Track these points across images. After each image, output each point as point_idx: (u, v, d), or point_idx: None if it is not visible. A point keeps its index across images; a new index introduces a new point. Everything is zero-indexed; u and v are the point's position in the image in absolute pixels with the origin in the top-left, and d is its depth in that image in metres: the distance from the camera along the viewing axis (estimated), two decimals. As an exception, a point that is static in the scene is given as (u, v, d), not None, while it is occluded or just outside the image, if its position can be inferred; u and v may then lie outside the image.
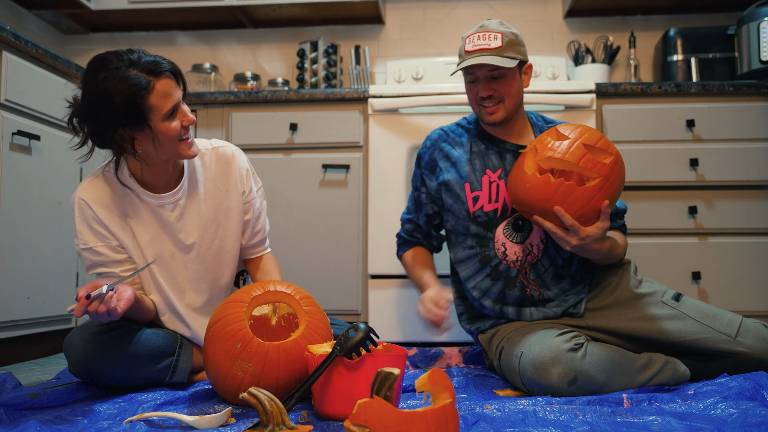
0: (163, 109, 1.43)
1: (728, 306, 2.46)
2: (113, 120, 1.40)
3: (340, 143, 2.62)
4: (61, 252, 2.25)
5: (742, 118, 2.51)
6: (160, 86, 1.42)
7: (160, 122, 1.44)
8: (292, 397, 1.25)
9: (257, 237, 1.71)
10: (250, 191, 1.67)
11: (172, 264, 1.58)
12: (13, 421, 1.22)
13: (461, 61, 1.68)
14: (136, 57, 1.42)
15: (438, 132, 1.85)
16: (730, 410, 1.23)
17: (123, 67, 1.40)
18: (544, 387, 1.43)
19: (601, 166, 1.55)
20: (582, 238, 1.54)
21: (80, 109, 1.44)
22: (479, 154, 1.76)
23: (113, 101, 1.38)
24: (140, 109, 1.40)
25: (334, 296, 2.57)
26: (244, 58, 3.42)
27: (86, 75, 1.42)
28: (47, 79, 2.19)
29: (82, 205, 1.51)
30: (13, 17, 3.11)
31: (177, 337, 1.60)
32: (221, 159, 1.65)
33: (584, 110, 2.51)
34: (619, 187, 1.59)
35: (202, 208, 1.61)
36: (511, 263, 1.69)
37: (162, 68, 1.43)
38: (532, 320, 1.68)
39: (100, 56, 1.43)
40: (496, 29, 1.66)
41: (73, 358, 1.45)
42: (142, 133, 1.44)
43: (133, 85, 1.38)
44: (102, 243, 1.52)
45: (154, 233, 1.56)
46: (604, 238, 1.58)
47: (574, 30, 3.27)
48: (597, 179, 1.54)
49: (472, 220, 1.73)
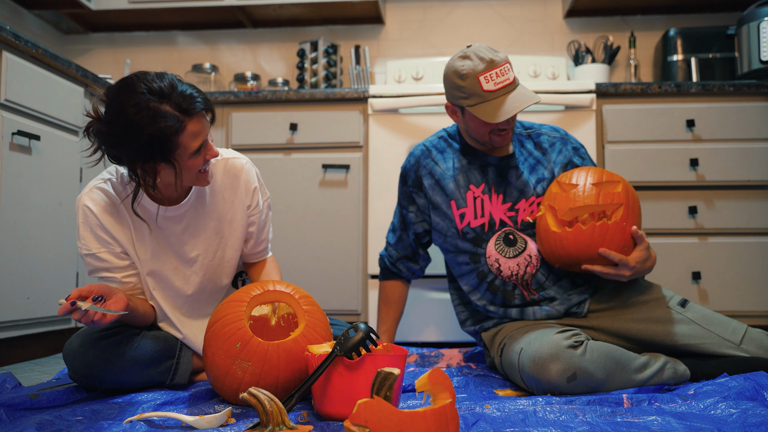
0: (191, 149, 1.39)
1: (728, 306, 2.46)
2: (138, 154, 1.35)
3: (340, 143, 2.62)
4: (61, 252, 2.25)
5: (742, 118, 2.51)
6: (191, 127, 1.37)
7: (186, 160, 1.40)
8: (292, 397, 1.25)
9: (260, 246, 1.71)
10: (255, 206, 1.65)
11: (174, 278, 1.57)
12: (13, 422, 1.22)
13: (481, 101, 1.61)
14: (168, 86, 1.35)
15: (421, 148, 1.83)
16: (730, 410, 1.23)
17: (155, 99, 1.33)
18: (543, 383, 1.44)
19: (618, 195, 1.61)
20: (632, 267, 1.58)
21: (104, 135, 1.36)
22: (462, 169, 1.76)
23: (141, 138, 1.32)
24: (168, 148, 1.35)
25: (334, 296, 2.57)
26: (244, 58, 3.42)
27: (114, 102, 1.34)
28: (47, 79, 2.19)
29: (87, 211, 1.49)
30: (13, 17, 3.11)
31: (177, 340, 1.60)
32: (230, 171, 1.61)
33: (584, 110, 2.51)
34: (638, 207, 1.65)
35: (207, 219, 1.59)
36: (506, 278, 1.70)
37: (195, 107, 1.37)
38: (535, 319, 1.68)
39: (129, 82, 1.35)
40: (503, 60, 1.62)
41: (73, 365, 1.44)
42: (165, 166, 1.40)
43: (165, 126, 1.32)
44: (105, 249, 1.51)
45: (156, 247, 1.54)
46: (650, 253, 1.62)
47: (574, 30, 3.27)
48: (621, 208, 1.60)
49: (461, 237, 1.74)
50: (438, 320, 2.47)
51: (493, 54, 1.62)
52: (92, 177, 2.44)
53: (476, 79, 1.60)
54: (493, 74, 1.60)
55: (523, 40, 3.30)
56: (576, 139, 1.86)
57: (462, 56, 1.64)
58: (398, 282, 1.94)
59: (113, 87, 1.37)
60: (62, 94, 2.26)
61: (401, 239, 1.89)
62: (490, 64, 1.60)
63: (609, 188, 1.63)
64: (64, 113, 2.27)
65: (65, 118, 2.27)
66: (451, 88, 1.67)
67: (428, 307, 2.48)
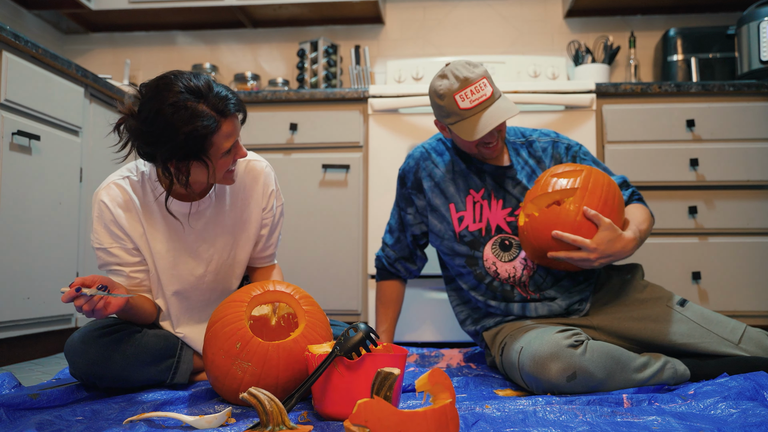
0: (224, 148, 1.41)
1: (728, 306, 2.46)
2: (173, 153, 1.37)
3: (340, 143, 2.62)
4: (61, 252, 2.25)
5: (742, 118, 2.51)
6: (225, 127, 1.40)
7: (217, 159, 1.42)
8: (292, 397, 1.25)
9: (268, 251, 1.71)
10: (270, 209, 1.66)
11: (186, 277, 1.57)
12: (13, 422, 1.22)
13: (459, 119, 1.64)
14: (205, 85, 1.37)
15: (420, 150, 1.84)
16: (730, 410, 1.23)
17: (192, 99, 1.35)
18: (543, 382, 1.44)
19: (572, 182, 1.60)
20: (594, 249, 1.53)
21: (139, 132, 1.37)
22: (461, 173, 1.77)
23: (178, 137, 1.34)
24: (203, 148, 1.38)
25: (334, 296, 2.57)
26: (244, 58, 3.42)
27: (151, 100, 1.35)
28: (47, 79, 2.19)
29: (102, 207, 1.51)
30: (13, 17, 3.11)
31: (178, 339, 1.60)
32: (250, 172, 1.63)
33: (584, 110, 2.51)
34: (602, 194, 1.59)
35: (225, 218, 1.60)
36: (503, 280, 1.71)
37: (230, 108, 1.39)
38: (537, 315, 1.69)
39: (167, 81, 1.37)
40: (479, 76, 1.64)
41: (74, 362, 1.44)
42: (197, 163, 1.42)
43: (202, 126, 1.35)
44: (117, 245, 1.52)
45: (171, 246, 1.55)
46: (619, 233, 1.56)
47: (574, 30, 3.27)
48: (575, 192, 1.58)
49: (458, 240, 1.74)
50: (438, 320, 2.47)
51: (469, 71, 1.64)
52: (92, 177, 2.45)
53: (452, 99, 1.63)
54: (468, 92, 1.63)
55: (523, 40, 3.30)
56: (571, 139, 1.85)
57: (440, 75, 1.67)
58: (396, 282, 1.94)
59: (150, 85, 1.38)
60: (62, 94, 2.26)
61: (399, 240, 1.89)
62: (464, 82, 1.63)
63: (568, 176, 1.62)
64: (64, 113, 2.27)
65: (65, 118, 2.27)
66: (433, 107, 1.71)
67: (428, 307, 2.48)
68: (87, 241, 2.40)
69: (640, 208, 1.72)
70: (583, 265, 1.57)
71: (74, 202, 2.33)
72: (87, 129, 2.42)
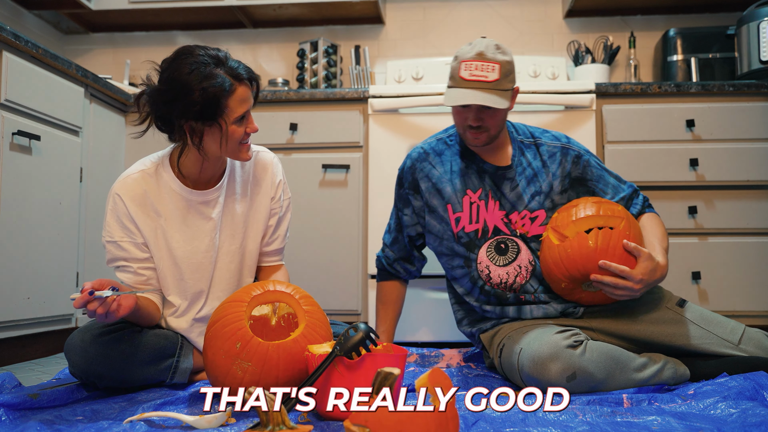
0: (237, 113, 1.47)
1: (728, 306, 2.46)
2: (188, 111, 1.43)
3: (340, 143, 2.62)
4: (61, 252, 2.25)
5: (742, 118, 2.51)
6: (240, 91, 1.47)
7: (231, 124, 1.48)
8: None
9: (273, 245, 1.72)
10: (278, 199, 1.70)
11: (203, 263, 1.59)
12: (13, 421, 1.22)
13: (453, 85, 1.66)
14: (224, 56, 1.47)
15: (418, 151, 1.83)
16: (730, 410, 1.23)
17: (210, 63, 1.44)
18: (543, 383, 1.44)
19: (619, 211, 1.62)
20: (640, 280, 1.52)
21: (155, 92, 1.46)
22: (460, 173, 1.76)
23: (193, 93, 1.42)
24: (218, 108, 1.44)
25: (334, 296, 2.57)
26: (244, 58, 3.42)
27: (171, 65, 1.46)
28: (47, 79, 2.19)
29: (116, 200, 1.54)
30: (13, 17, 3.11)
31: (177, 337, 1.60)
32: (259, 162, 1.68)
33: (584, 110, 2.51)
34: (639, 229, 1.63)
35: (236, 207, 1.63)
36: (495, 285, 1.70)
37: (245, 75, 1.49)
38: (532, 317, 1.68)
39: (187, 49, 1.47)
40: (494, 58, 1.63)
41: (73, 361, 1.45)
42: (210, 129, 1.48)
43: (217, 84, 1.43)
44: (128, 239, 1.55)
45: (188, 234, 1.58)
46: (657, 262, 1.56)
47: (574, 30, 3.27)
48: (623, 221, 1.59)
49: (457, 240, 1.74)
50: (437, 320, 2.47)
51: (489, 51, 1.64)
52: (92, 177, 2.45)
53: (459, 63, 1.65)
54: (473, 66, 1.63)
55: (523, 40, 3.30)
56: (581, 145, 1.81)
57: (469, 43, 1.70)
58: (396, 282, 1.94)
59: (170, 56, 1.49)
60: (62, 94, 2.26)
61: (397, 240, 1.89)
62: (478, 56, 1.64)
63: (609, 205, 1.64)
64: (64, 113, 2.27)
65: (65, 118, 2.27)
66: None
67: (428, 307, 2.48)
68: (87, 241, 2.40)
69: (655, 221, 1.73)
70: (621, 294, 1.55)
71: (74, 202, 2.33)
72: (87, 129, 2.42)
